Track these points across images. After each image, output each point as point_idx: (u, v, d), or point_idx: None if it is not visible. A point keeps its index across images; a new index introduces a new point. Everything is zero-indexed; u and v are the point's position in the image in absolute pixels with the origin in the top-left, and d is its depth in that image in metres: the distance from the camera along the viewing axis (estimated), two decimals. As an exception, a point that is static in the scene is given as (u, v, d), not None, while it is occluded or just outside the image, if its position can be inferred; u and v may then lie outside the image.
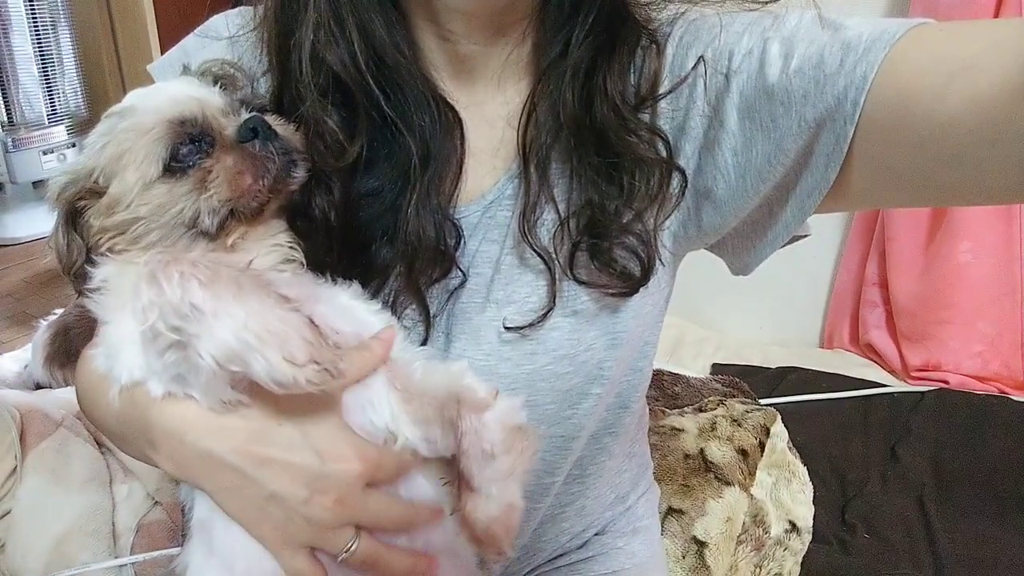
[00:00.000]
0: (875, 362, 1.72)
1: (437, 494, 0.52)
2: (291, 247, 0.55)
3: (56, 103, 3.10)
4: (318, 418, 0.48)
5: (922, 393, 1.50)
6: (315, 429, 0.48)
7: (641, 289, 0.58)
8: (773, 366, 1.65)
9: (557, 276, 0.57)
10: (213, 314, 0.41)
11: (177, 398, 0.47)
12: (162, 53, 0.68)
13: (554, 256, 0.56)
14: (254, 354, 0.41)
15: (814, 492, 1.17)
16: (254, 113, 0.54)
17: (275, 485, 0.46)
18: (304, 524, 0.47)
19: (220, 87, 0.55)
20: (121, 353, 0.47)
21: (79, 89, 3.18)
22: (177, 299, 0.41)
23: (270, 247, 0.54)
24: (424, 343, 0.58)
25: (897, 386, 1.58)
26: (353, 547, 0.48)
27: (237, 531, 0.48)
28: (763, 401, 1.37)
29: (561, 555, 0.74)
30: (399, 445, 0.49)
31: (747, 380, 1.47)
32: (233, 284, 0.43)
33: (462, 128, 0.58)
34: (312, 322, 0.44)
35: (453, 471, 0.50)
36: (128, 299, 0.45)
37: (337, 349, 0.44)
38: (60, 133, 3.13)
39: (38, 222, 2.98)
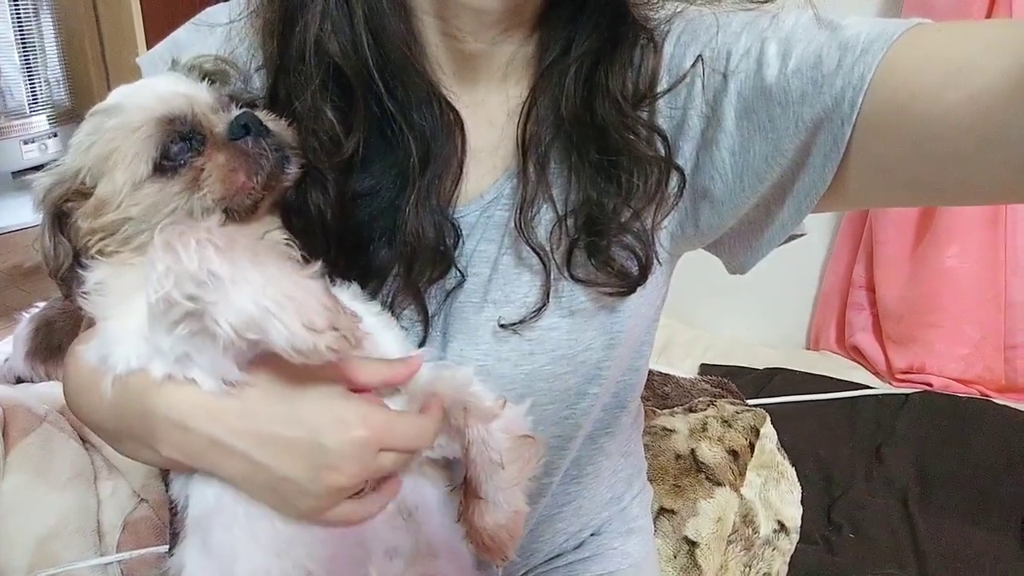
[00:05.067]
0: (861, 364, 1.74)
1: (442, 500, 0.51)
2: (287, 244, 0.54)
3: (38, 92, 3.06)
4: (317, 391, 0.47)
5: (907, 395, 1.52)
6: (313, 402, 0.46)
7: (638, 289, 0.58)
8: (761, 367, 1.66)
9: (552, 274, 0.56)
10: (231, 280, 0.40)
11: (178, 382, 0.46)
12: (147, 42, 0.67)
13: (550, 253, 0.56)
14: (273, 321, 0.39)
15: (801, 492, 1.18)
16: (245, 109, 0.53)
17: (281, 468, 0.46)
18: (323, 498, 0.46)
19: (209, 82, 0.54)
20: (118, 344, 0.46)
21: (61, 78, 3.13)
22: (195, 266, 0.40)
23: None
24: (422, 343, 0.58)
25: (882, 388, 1.60)
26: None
27: (238, 532, 0.47)
28: (750, 402, 1.38)
29: (558, 555, 0.74)
30: None
31: (735, 380, 1.48)
32: (249, 251, 0.42)
33: (463, 129, 0.57)
34: (329, 288, 0.43)
35: (457, 475, 0.50)
36: (128, 296, 0.44)
37: (354, 316, 0.43)
38: (41, 122, 3.08)
39: (18, 213, 2.93)
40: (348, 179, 0.56)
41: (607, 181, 0.55)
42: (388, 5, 0.53)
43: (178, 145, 0.50)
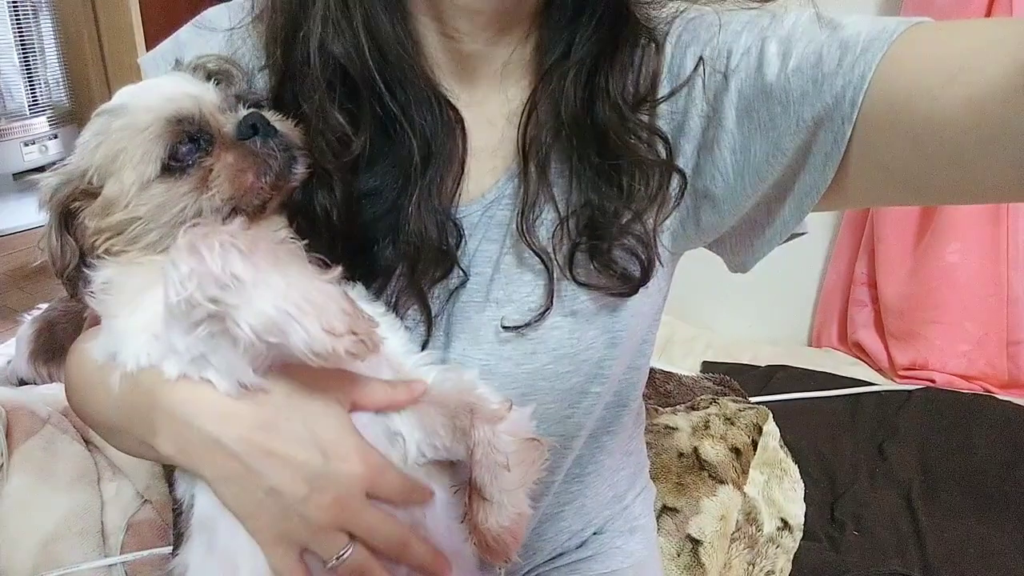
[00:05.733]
0: (863, 361, 1.74)
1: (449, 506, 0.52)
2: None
3: (37, 93, 3.06)
4: (328, 416, 0.48)
5: (909, 392, 1.52)
6: (323, 427, 0.47)
7: (640, 289, 0.58)
8: (762, 364, 1.66)
9: (555, 276, 0.56)
10: (253, 284, 0.40)
11: (191, 381, 0.46)
12: (146, 43, 0.67)
13: (552, 256, 0.56)
14: (293, 324, 0.40)
15: (804, 489, 1.18)
16: (252, 109, 0.53)
17: (275, 480, 0.46)
18: (299, 523, 0.47)
19: (214, 83, 0.54)
20: (128, 341, 0.46)
21: (61, 80, 3.13)
22: (218, 269, 0.40)
23: None
24: (425, 344, 0.58)
25: (885, 385, 1.60)
26: (345, 555, 0.47)
27: (243, 534, 0.47)
28: (752, 399, 1.38)
29: (560, 555, 0.75)
30: (404, 453, 0.49)
31: (737, 378, 1.48)
32: (271, 255, 0.42)
33: (464, 128, 0.57)
34: (347, 293, 0.43)
35: (462, 476, 0.50)
36: (136, 295, 0.44)
37: (372, 320, 0.43)
38: (41, 124, 3.08)
39: (19, 214, 2.94)
40: (354, 180, 0.56)
41: (608, 184, 0.56)
42: (384, 7, 0.53)
43: (186, 145, 0.50)
